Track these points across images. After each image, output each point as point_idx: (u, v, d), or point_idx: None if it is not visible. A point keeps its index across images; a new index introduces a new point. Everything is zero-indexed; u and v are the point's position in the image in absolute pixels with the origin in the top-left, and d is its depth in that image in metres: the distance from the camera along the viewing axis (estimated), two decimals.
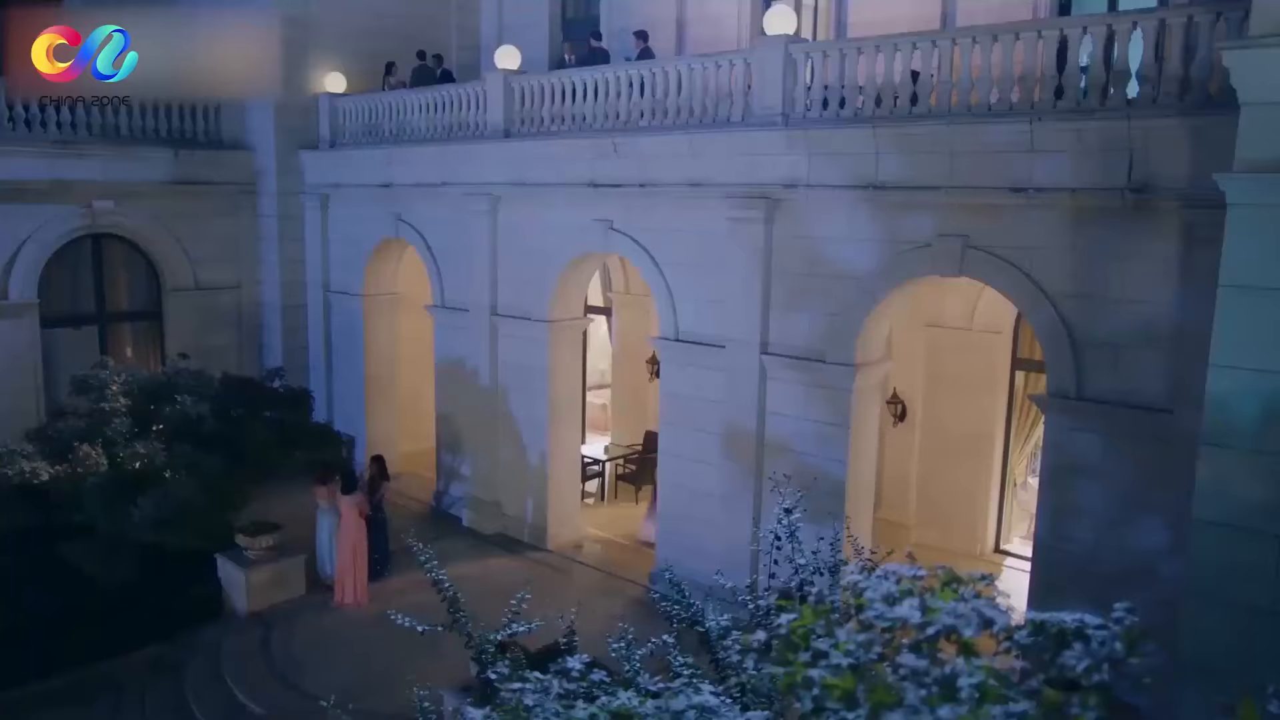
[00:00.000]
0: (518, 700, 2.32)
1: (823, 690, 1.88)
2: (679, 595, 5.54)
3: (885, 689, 1.83)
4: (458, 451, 15.92)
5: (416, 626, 5.62)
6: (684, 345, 12.47)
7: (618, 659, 5.15)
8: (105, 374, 13.05)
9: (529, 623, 5.73)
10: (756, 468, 11.88)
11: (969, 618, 1.89)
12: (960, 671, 1.85)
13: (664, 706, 2.25)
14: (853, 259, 10.80)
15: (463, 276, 15.29)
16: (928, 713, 1.74)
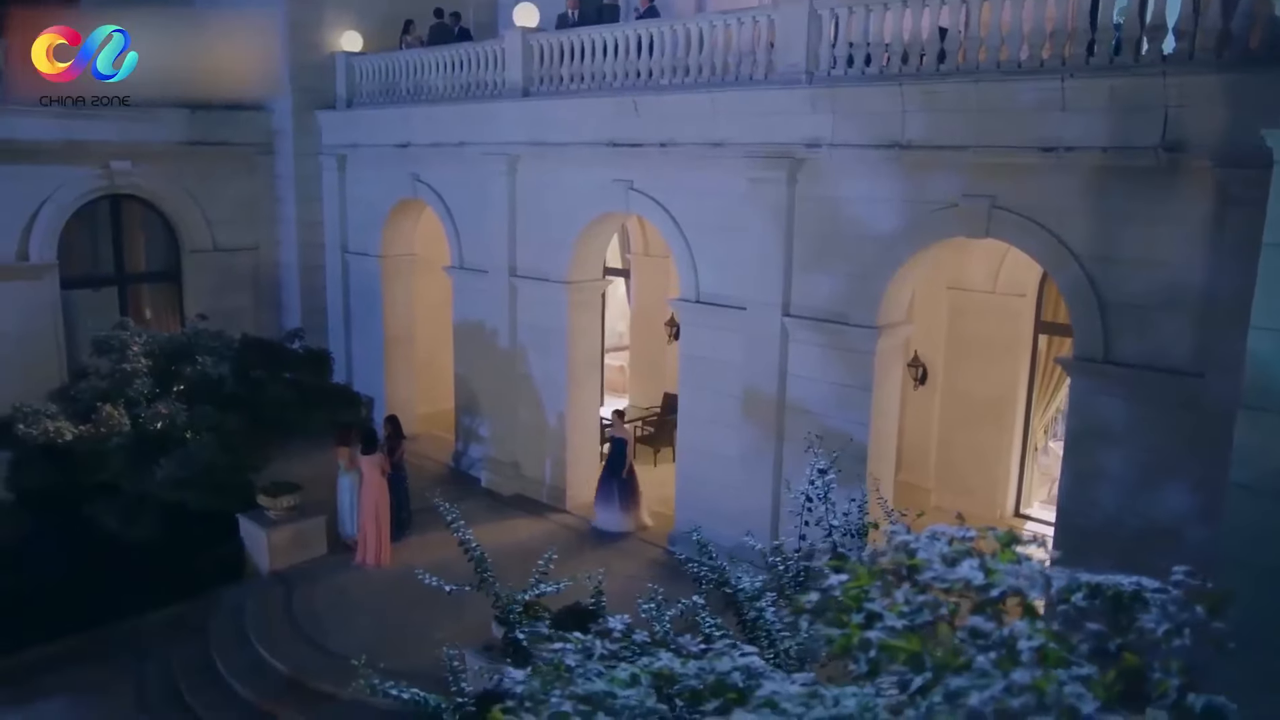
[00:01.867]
0: (558, 660, 2.29)
1: (880, 652, 1.83)
2: (707, 557, 5.50)
3: (952, 652, 1.78)
4: (476, 413, 15.93)
5: (444, 586, 5.60)
6: (704, 307, 12.38)
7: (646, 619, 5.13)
8: (126, 335, 13.07)
9: (556, 583, 5.70)
10: (777, 430, 11.83)
11: (1034, 579, 1.84)
12: (1020, 634, 1.80)
13: (708, 668, 2.21)
14: (876, 220, 10.66)
15: (481, 237, 15.21)
16: (999, 677, 1.69)
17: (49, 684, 10.82)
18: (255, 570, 12.89)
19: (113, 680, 10.97)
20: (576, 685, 2.19)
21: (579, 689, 2.17)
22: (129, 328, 13.42)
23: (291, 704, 10.14)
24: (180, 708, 10.54)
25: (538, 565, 5.79)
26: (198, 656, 11.27)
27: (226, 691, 10.61)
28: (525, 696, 2.21)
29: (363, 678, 4.92)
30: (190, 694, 10.63)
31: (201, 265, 18.03)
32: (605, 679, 2.18)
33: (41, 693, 10.66)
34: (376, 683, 4.44)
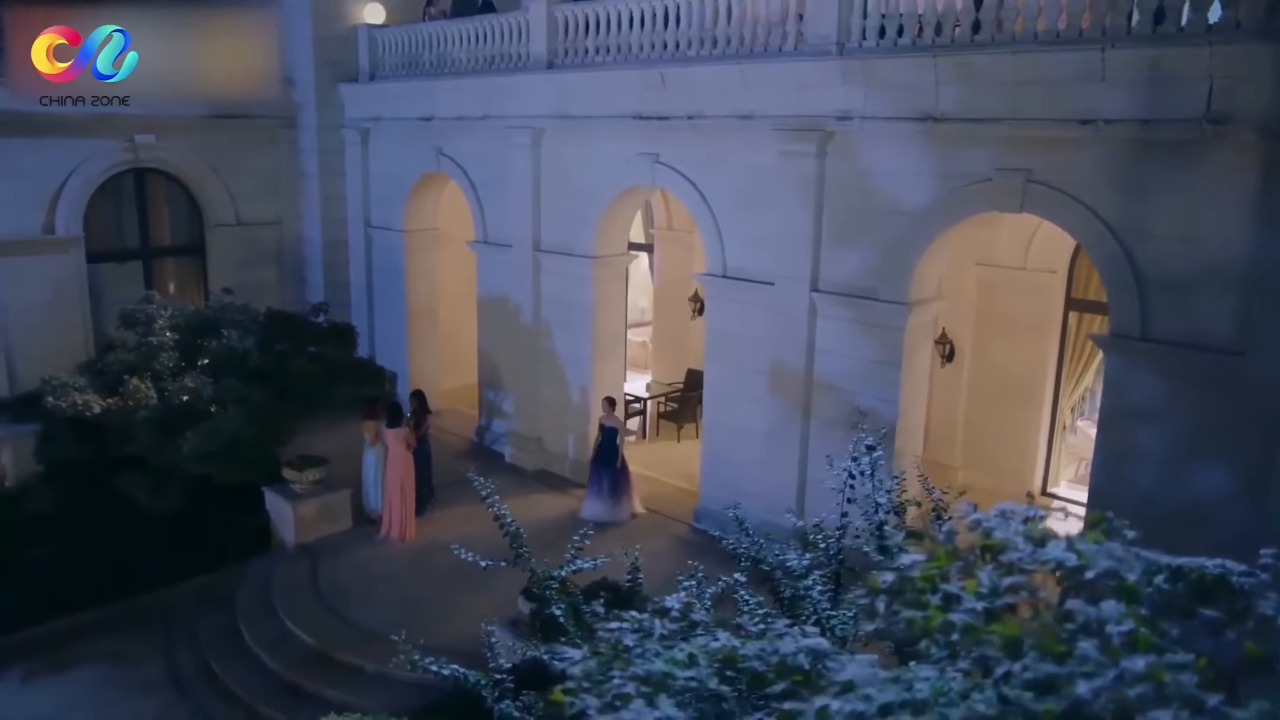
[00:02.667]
0: (616, 640, 2.23)
1: (964, 635, 1.75)
2: (743, 533, 5.42)
3: (1054, 637, 1.70)
4: (500, 388, 15.91)
5: (480, 561, 5.55)
6: (731, 282, 12.26)
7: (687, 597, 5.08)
8: (152, 308, 13.10)
9: (593, 559, 5.64)
10: (804, 406, 11.74)
11: (1129, 561, 1.75)
12: (1107, 618, 1.71)
13: (769, 649, 2.14)
14: (908, 194, 10.50)
15: (505, 211, 15.12)
16: (1109, 664, 1.61)
17: (80, 654, 10.92)
18: (281, 543, 12.94)
19: (143, 650, 11.07)
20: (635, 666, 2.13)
21: (638, 669, 2.10)
22: (155, 301, 13.44)
23: (318, 675, 10.19)
24: (209, 677, 10.62)
25: (573, 541, 5.72)
26: (225, 627, 11.34)
27: (254, 662, 10.67)
28: (583, 676, 2.15)
29: (403, 654, 4.87)
30: (218, 664, 10.69)
31: (225, 239, 18.03)
32: (663, 659, 2.12)
33: (73, 662, 10.76)
34: (418, 658, 4.38)
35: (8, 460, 13.87)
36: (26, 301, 15.63)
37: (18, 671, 10.64)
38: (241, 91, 14.84)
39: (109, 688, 10.39)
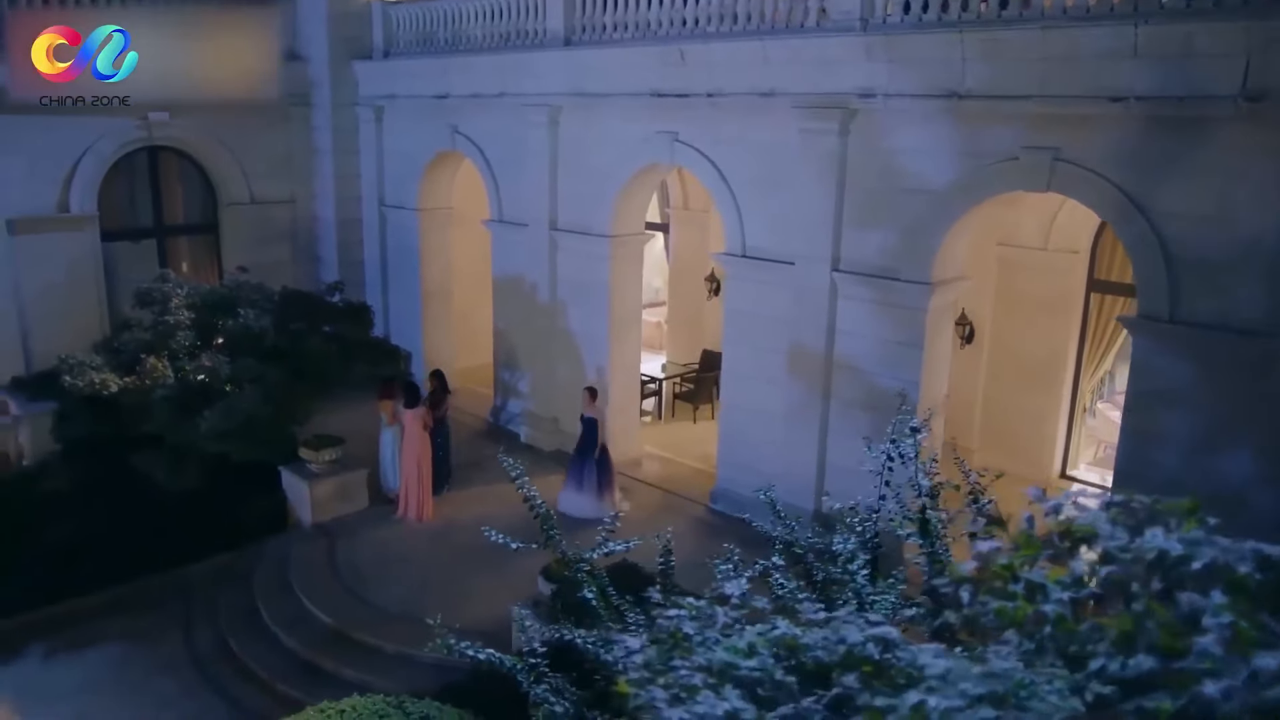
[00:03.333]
0: (675, 628, 2.16)
1: (1057, 629, 1.67)
2: (777, 516, 5.33)
3: (1170, 631, 1.61)
4: (515, 367, 15.84)
5: (510, 543, 5.49)
6: (751, 261, 12.14)
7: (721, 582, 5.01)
8: (168, 287, 13.05)
9: (626, 541, 5.55)
10: (823, 387, 11.65)
11: (1239, 551, 1.66)
12: (1201, 609, 1.63)
13: (834, 637, 2.07)
14: (932, 173, 10.36)
15: (521, 190, 15.00)
16: (1239, 663, 1.52)
17: (100, 631, 10.95)
18: (298, 522, 12.94)
19: (162, 628, 11.09)
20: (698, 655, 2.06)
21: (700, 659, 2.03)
22: (170, 280, 13.39)
23: (336, 655, 10.19)
24: (228, 655, 10.63)
25: (604, 523, 5.65)
26: (244, 606, 11.35)
27: (272, 641, 10.68)
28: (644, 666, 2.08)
29: (438, 637, 4.79)
30: (237, 642, 10.71)
31: (239, 218, 17.96)
32: (724, 648, 2.05)
33: (94, 640, 10.80)
34: (453, 642, 4.31)
35: (25, 439, 13.89)
36: (42, 280, 15.62)
37: (39, 649, 10.68)
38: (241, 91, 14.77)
39: (129, 665, 10.42)
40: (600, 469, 12.73)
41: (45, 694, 9.86)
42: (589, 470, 12.67)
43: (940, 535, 4.52)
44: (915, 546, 4.80)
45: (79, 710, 9.63)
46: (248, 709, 9.80)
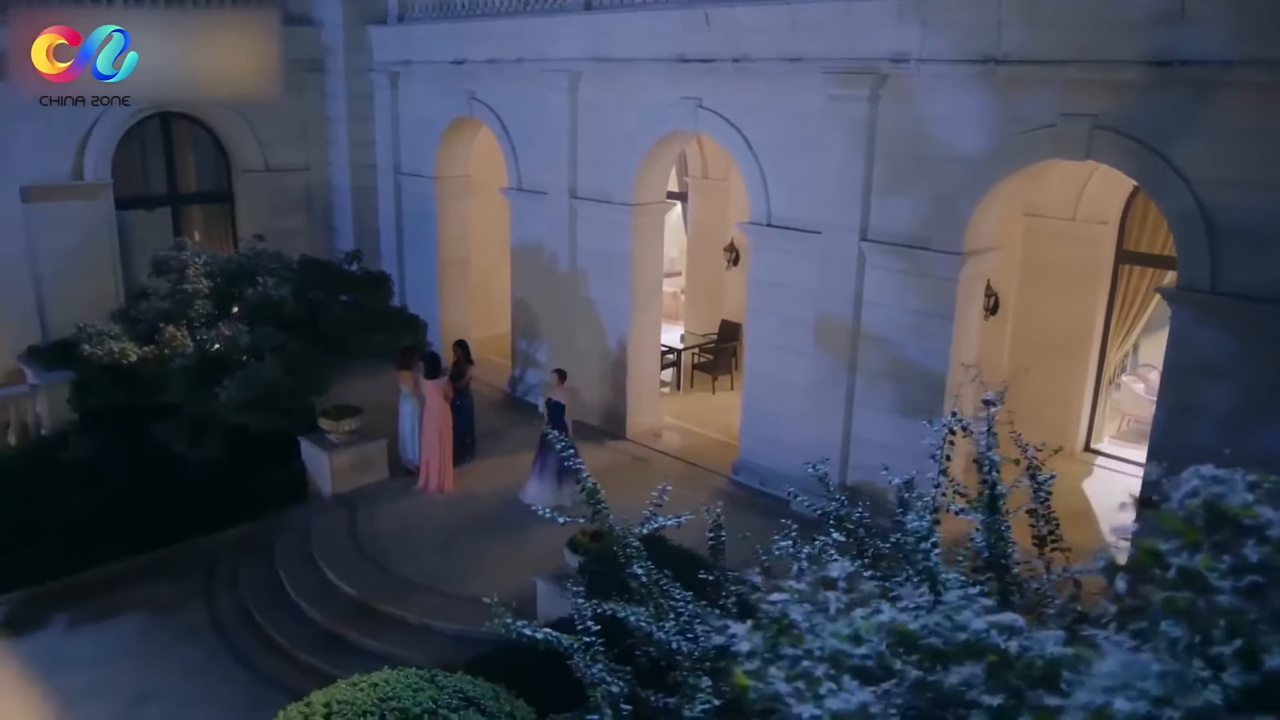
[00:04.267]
0: (782, 615, 2.04)
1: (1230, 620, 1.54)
2: (826, 492, 5.18)
3: None
4: (534, 337, 15.71)
5: (558, 518, 5.37)
6: (776, 231, 11.95)
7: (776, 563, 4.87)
8: (185, 255, 12.90)
9: (676, 516, 5.39)
10: (850, 359, 11.49)
11: None
12: None
13: (948, 624, 1.94)
14: (965, 140, 10.13)
15: (540, 158, 14.79)
16: None
17: (123, 601, 10.94)
18: (317, 492, 12.87)
19: (184, 598, 11.07)
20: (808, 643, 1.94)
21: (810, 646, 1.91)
22: (188, 248, 13.23)
23: (360, 626, 10.14)
24: (250, 625, 10.60)
25: (652, 497, 5.52)
26: (265, 576, 11.31)
27: (295, 611, 10.63)
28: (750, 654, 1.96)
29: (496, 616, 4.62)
30: (260, 613, 10.67)
31: (253, 186, 17.79)
32: (833, 635, 1.93)
33: (117, 609, 10.78)
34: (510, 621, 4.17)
35: (42, 408, 13.81)
36: (57, 248, 15.52)
37: (63, 618, 10.67)
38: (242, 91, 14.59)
39: (153, 634, 10.40)
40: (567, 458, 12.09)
41: (70, 662, 9.84)
42: (553, 459, 11.75)
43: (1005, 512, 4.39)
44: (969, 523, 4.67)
45: (104, 678, 9.62)
46: (271, 678, 9.76)
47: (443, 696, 6.26)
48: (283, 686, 9.53)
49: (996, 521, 4.24)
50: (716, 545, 5.03)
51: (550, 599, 9.42)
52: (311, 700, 6.33)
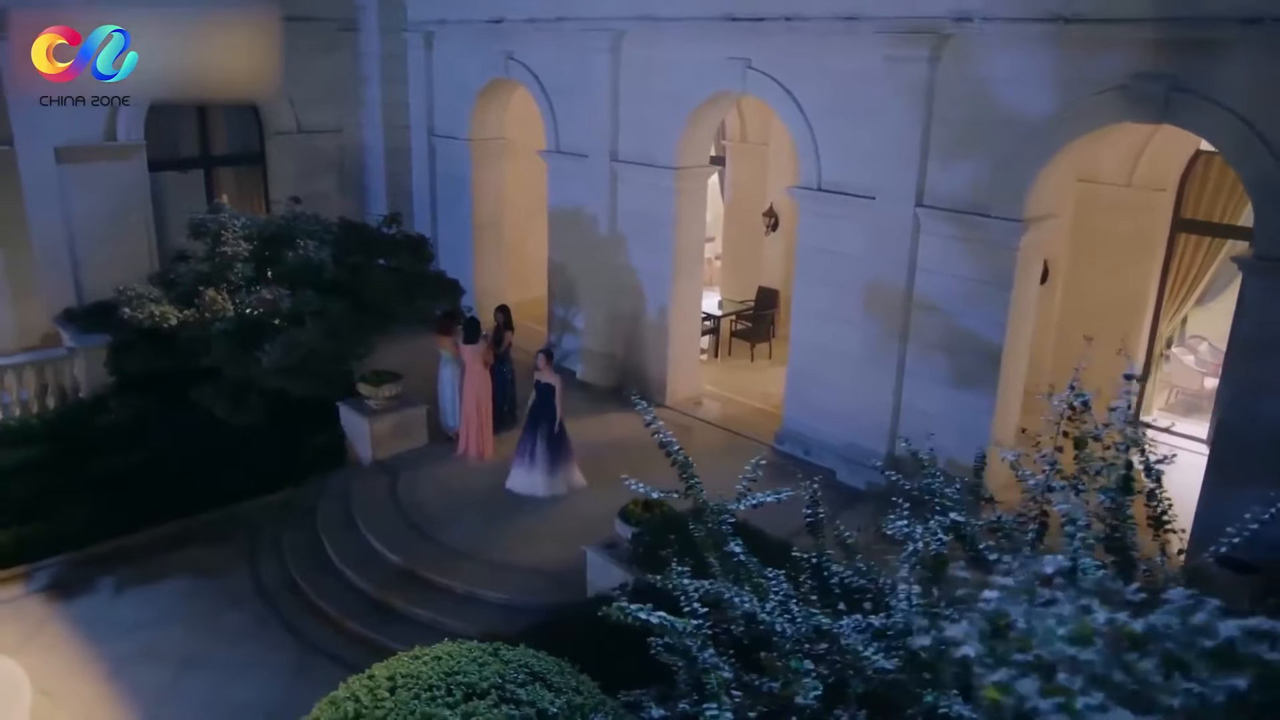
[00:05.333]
0: (999, 613, 1.86)
1: None
2: (928, 472, 4.94)
3: None
4: (571, 303, 15.50)
5: (651, 493, 5.17)
6: (827, 195, 11.66)
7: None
8: (223, 217, 12.70)
9: (776, 493, 5.12)
10: (901, 328, 11.24)
11: None
12: None
13: (1179, 625, 1.75)
14: (1030, 103, 9.79)
15: (580, 120, 14.49)
16: None
17: (167, 566, 10.89)
18: (356, 459, 12.76)
19: (228, 563, 11.02)
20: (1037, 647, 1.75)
21: (1040, 650, 1.73)
22: (225, 210, 13.04)
23: (407, 594, 10.04)
24: (295, 591, 10.53)
25: (745, 472, 5.29)
26: (308, 542, 11.23)
27: (339, 578, 10.55)
28: (977, 660, 1.77)
29: (614, 604, 4.39)
30: (304, 579, 10.59)
31: (285, 147, 17.55)
32: (1059, 637, 1.74)
33: (162, 574, 10.74)
34: (626, 606, 3.95)
35: (80, 371, 13.73)
36: (91, 210, 15.36)
37: (109, 582, 10.63)
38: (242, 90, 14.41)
39: (198, 599, 10.34)
40: (556, 444, 11.38)
41: (118, 626, 9.81)
42: (540, 444, 11.35)
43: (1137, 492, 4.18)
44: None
45: (151, 642, 9.57)
46: (318, 646, 9.69)
47: (508, 671, 6.10)
48: (331, 654, 9.50)
49: (1126, 503, 4.04)
50: (815, 523, 4.82)
51: (600, 570, 9.29)
52: (374, 673, 6.19)
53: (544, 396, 11.40)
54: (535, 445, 11.42)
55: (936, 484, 4.73)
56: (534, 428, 11.46)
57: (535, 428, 11.45)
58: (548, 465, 11.39)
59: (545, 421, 11.35)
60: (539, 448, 11.41)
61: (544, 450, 11.38)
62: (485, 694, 5.89)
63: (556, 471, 11.44)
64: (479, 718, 5.66)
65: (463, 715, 5.68)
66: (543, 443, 11.37)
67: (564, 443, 11.55)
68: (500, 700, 5.84)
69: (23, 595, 10.40)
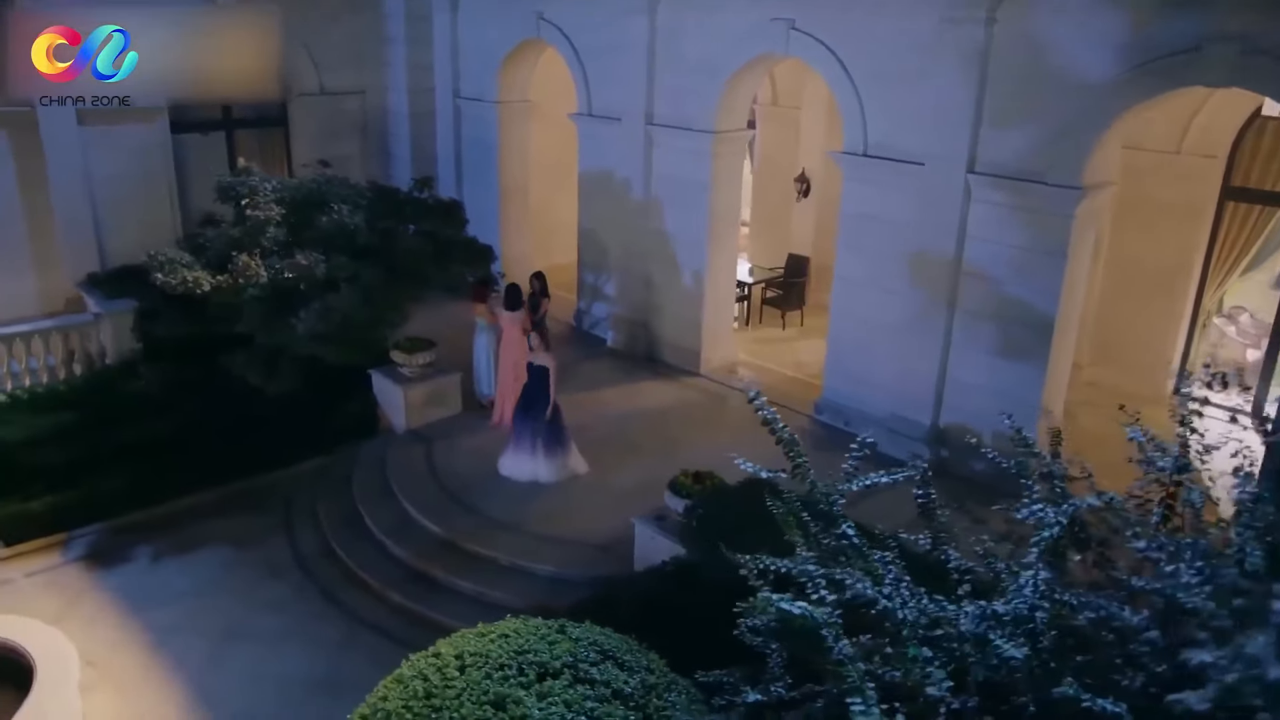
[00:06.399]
0: None
1: None
2: (1026, 448, 4.72)
3: None
4: (602, 269, 15.26)
5: (761, 472, 4.96)
6: (873, 161, 11.38)
7: None
8: (254, 180, 12.44)
9: (893, 473, 4.84)
10: (948, 297, 11.02)
11: None
12: None
13: None
14: (1092, 66, 9.50)
15: (614, 82, 14.16)
16: None
17: (204, 534, 10.77)
18: (389, 427, 12.60)
19: (265, 532, 10.89)
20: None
21: None
22: (255, 173, 12.77)
23: (448, 565, 9.90)
24: (334, 561, 10.40)
25: (851, 450, 5.05)
26: (344, 511, 11.10)
27: (379, 548, 10.41)
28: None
29: (758, 595, 4.14)
30: (344, 550, 10.46)
31: (308, 109, 17.24)
32: None
33: (198, 543, 10.61)
34: (773, 597, 3.72)
35: (107, 337, 13.52)
36: (113, 173, 15.12)
37: (146, 551, 10.52)
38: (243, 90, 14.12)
39: (237, 568, 10.23)
40: (551, 429, 10.90)
41: (158, 596, 9.69)
42: (538, 430, 10.87)
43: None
44: None
45: (191, 613, 9.47)
46: (359, 617, 9.57)
47: (578, 649, 5.96)
48: (374, 626, 9.40)
49: None
50: (928, 506, 4.61)
51: (649, 542, 9.14)
52: (441, 651, 6.05)
53: (537, 379, 10.83)
54: (530, 430, 10.92)
55: (1051, 465, 4.51)
56: (527, 412, 10.97)
57: (528, 411, 10.96)
58: (545, 450, 10.90)
59: (539, 406, 10.85)
60: (531, 432, 10.90)
61: (540, 436, 10.87)
62: (559, 674, 5.75)
63: (555, 456, 10.96)
64: (554, 699, 5.52)
65: (538, 696, 5.55)
66: (539, 428, 10.85)
67: (560, 427, 11.05)
68: (574, 680, 5.71)
69: (60, 564, 10.29)
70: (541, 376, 10.80)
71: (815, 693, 4.65)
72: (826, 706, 4.64)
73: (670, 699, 5.80)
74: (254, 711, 8.20)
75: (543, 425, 10.86)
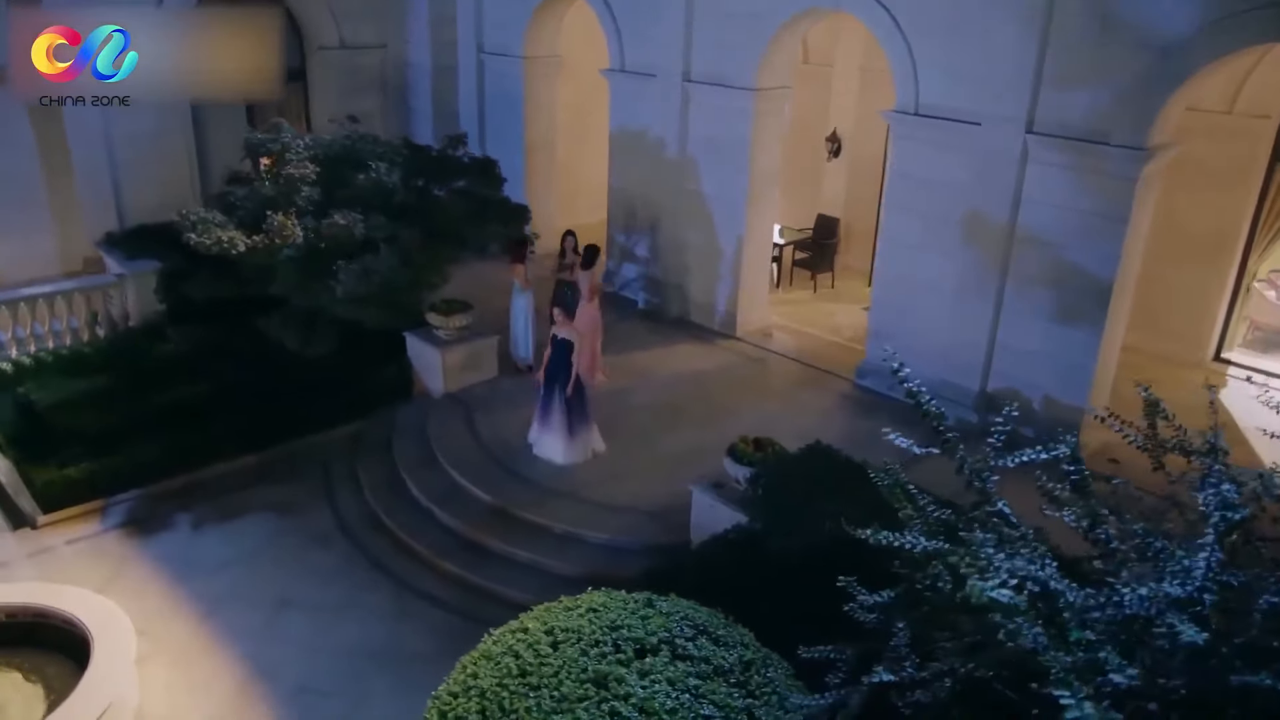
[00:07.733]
0: None
1: None
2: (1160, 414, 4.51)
3: None
4: (634, 230, 14.98)
5: (914, 449, 4.76)
6: (925, 120, 11.10)
7: None
8: (286, 137, 12.10)
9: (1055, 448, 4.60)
10: (1001, 261, 10.81)
11: None
12: None
13: None
14: (1163, 21, 9.21)
15: (650, 38, 13.79)
16: None
17: (246, 502, 10.58)
18: (424, 391, 12.40)
19: (307, 499, 10.71)
20: None
21: None
22: (286, 129, 12.42)
23: (500, 533, 9.73)
24: (381, 530, 10.22)
25: (996, 423, 4.80)
26: (387, 478, 10.91)
27: (426, 516, 10.23)
28: None
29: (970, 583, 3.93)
30: (389, 517, 10.28)
31: (328, 64, 16.83)
32: None
33: (240, 510, 10.43)
34: (978, 584, 3.51)
35: (131, 299, 13.25)
36: (131, 131, 14.67)
37: (187, 518, 10.33)
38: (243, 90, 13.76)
39: (282, 536, 10.05)
40: (575, 405, 10.43)
41: (201, 564, 9.52)
42: (559, 406, 10.40)
43: None
44: None
45: (240, 581, 9.32)
46: (411, 586, 9.41)
47: (671, 624, 5.81)
48: (427, 595, 9.28)
49: None
50: (1081, 482, 4.40)
51: (707, 510, 8.99)
52: (528, 626, 5.90)
53: (560, 352, 10.31)
54: (552, 406, 10.46)
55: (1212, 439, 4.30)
56: (549, 386, 10.46)
57: (550, 386, 10.46)
58: (565, 429, 10.45)
59: (561, 381, 10.39)
60: (557, 409, 10.44)
61: (564, 413, 10.42)
62: (656, 650, 5.61)
63: (576, 436, 10.51)
64: (656, 676, 5.38)
65: (639, 673, 5.41)
66: (560, 404, 10.40)
67: (583, 405, 10.58)
68: (673, 657, 5.57)
69: (99, 532, 10.10)
70: (565, 351, 10.30)
71: (943, 672, 4.52)
72: (952, 686, 4.51)
73: (769, 675, 5.67)
74: (315, 683, 8.06)
75: (563, 402, 10.39)
